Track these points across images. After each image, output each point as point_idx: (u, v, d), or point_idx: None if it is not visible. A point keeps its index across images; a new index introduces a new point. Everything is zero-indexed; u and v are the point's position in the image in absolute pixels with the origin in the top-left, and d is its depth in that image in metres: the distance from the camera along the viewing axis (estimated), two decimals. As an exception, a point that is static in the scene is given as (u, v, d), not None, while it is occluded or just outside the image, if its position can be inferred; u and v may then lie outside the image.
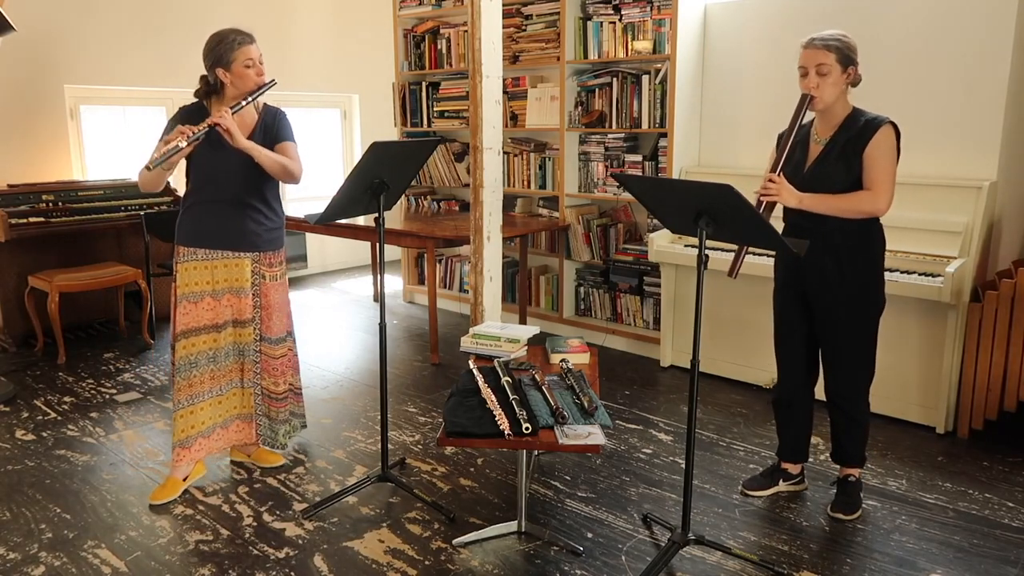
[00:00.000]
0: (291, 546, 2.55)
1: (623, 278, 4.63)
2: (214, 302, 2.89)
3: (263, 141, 2.83)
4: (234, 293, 2.92)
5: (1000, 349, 3.21)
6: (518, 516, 2.60)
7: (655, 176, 4.36)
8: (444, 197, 5.76)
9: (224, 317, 2.92)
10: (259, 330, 3.01)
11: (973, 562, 2.45)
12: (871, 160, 2.47)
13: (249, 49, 2.75)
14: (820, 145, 2.59)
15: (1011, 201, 3.59)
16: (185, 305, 2.85)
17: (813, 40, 2.50)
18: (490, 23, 3.67)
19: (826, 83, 2.47)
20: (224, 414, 3.01)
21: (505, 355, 2.90)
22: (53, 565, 2.44)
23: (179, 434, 2.87)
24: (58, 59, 5.04)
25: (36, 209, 4.53)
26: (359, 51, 6.81)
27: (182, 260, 2.85)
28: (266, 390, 3.07)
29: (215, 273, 2.88)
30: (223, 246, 2.86)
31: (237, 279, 2.91)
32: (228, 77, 2.75)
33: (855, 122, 2.52)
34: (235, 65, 2.73)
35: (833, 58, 2.46)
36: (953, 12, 3.47)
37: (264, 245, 2.93)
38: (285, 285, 3.05)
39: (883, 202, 2.47)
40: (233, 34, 2.75)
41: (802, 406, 2.83)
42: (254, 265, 2.94)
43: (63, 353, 4.42)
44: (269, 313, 2.99)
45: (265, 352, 3.03)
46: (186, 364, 2.86)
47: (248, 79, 2.77)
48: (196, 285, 2.86)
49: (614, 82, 4.48)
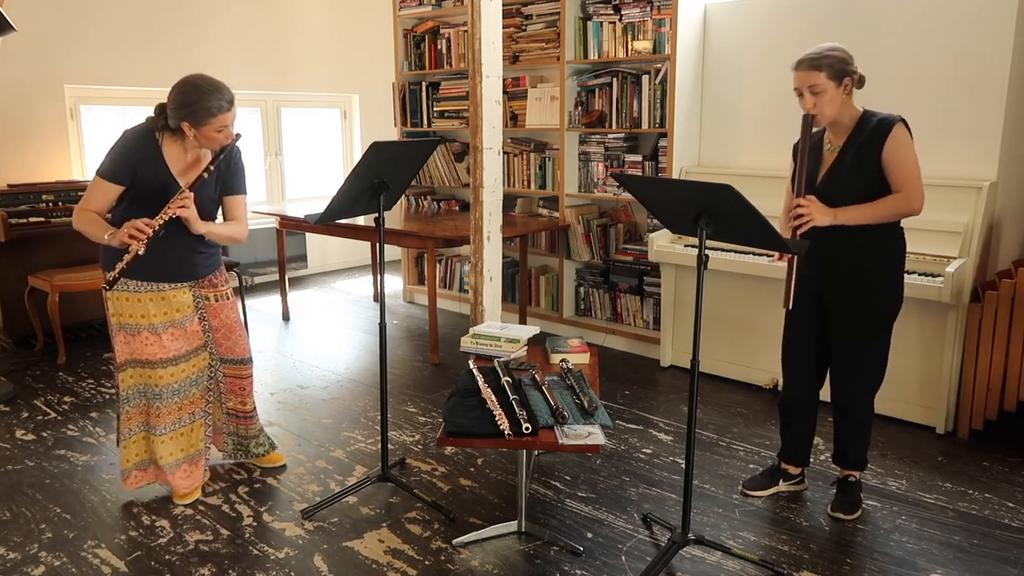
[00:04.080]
0: (291, 546, 2.55)
1: (623, 278, 4.63)
2: (154, 337, 2.67)
3: (214, 186, 2.69)
4: (176, 325, 2.71)
5: (1000, 349, 3.21)
6: (518, 516, 2.60)
7: (655, 176, 4.36)
8: (444, 197, 5.76)
9: (172, 352, 2.71)
10: (216, 353, 2.86)
11: (973, 562, 2.45)
12: (893, 162, 2.45)
13: (226, 117, 2.53)
14: (834, 152, 2.57)
15: (1011, 201, 3.59)
16: (124, 335, 2.67)
17: (802, 62, 2.48)
18: (490, 23, 3.67)
19: (823, 101, 2.46)
20: (189, 448, 2.82)
21: (505, 355, 2.90)
22: (53, 565, 2.44)
23: (124, 463, 2.74)
24: (58, 59, 5.04)
25: (36, 209, 4.53)
26: (359, 51, 6.81)
27: (109, 289, 2.58)
28: (233, 410, 2.95)
29: (148, 307, 2.66)
30: (157, 279, 2.66)
31: (178, 309, 2.71)
32: (192, 132, 2.54)
33: (867, 124, 2.50)
34: (206, 129, 2.53)
35: (824, 76, 2.43)
36: (953, 12, 3.47)
37: (202, 272, 2.76)
38: (234, 304, 2.87)
39: (917, 201, 2.45)
40: (215, 98, 2.49)
41: (807, 408, 2.82)
42: (194, 291, 2.76)
43: (63, 353, 4.42)
44: (227, 333, 2.84)
45: (231, 374, 2.89)
46: (132, 395, 2.72)
47: (215, 142, 2.58)
48: (130, 317, 2.65)
49: (614, 82, 4.48)
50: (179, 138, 2.61)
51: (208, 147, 2.62)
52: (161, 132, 2.61)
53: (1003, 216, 3.57)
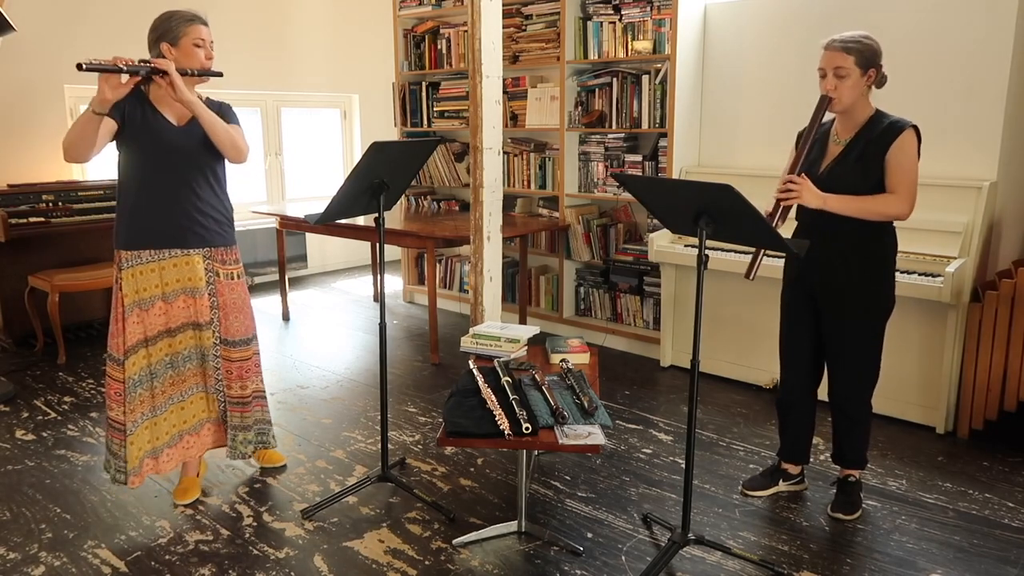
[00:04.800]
0: (291, 546, 2.55)
1: (623, 278, 4.63)
2: (166, 305, 2.70)
3: None
4: (188, 294, 2.72)
5: (1000, 349, 3.21)
6: (518, 516, 2.60)
7: (655, 176, 4.36)
8: (444, 197, 5.76)
9: (179, 320, 2.73)
10: (218, 332, 2.81)
11: (973, 562, 2.45)
12: (894, 164, 2.45)
13: (200, 28, 2.58)
14: (840, 146, 2.56)
15: (1011, 201, 3.59)
16: (137, 313, 2.65)
17: (833, 41, 2.47)
18: (490, 23, 3.67)
19: (844, 86, 2.45)
20: (191, 419, 2.83)
21: (505, 355, 2.90)
22: (53, 565, 2.44)
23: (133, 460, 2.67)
24: (58, 59, 5.04)
25: (36, 209, 4.53)
26: (359, 51, 6.81)
27: (126, 266, 2.63)
28: (231, 397, 2.87)
29: (164, 275, 2.68)
30: (170, 244, 2.66)
31: (190, 278, 2.71)
32: (173, 53, 2.55)
33: (877, 124, 2.50)
34: (183, 41, 2.55)
35: (852, 61, 2.43)
36: (953, 12, 3.47)
37: (215, 239, 2.74)
38: (243, 285, 2.86)
39: (907, 205, 2.45)
40: (185, 13, 2.57)
41: (805, 407, 2.82)
42: (206, 262, 2.74)
43: (63, 353, 4.42)
44: (227, 313, 2.81)
45: (224, 355, 2.83)
46: (142, 378, 2.69)
47: (195, 59, 2.57)
48: (145, 291, 2.66)
49: (614, 82, 4.48)
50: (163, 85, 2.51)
51: (191, 66, 2.57)
52: (146, 86, 2.61)
53: (1003, 216, 3.57)
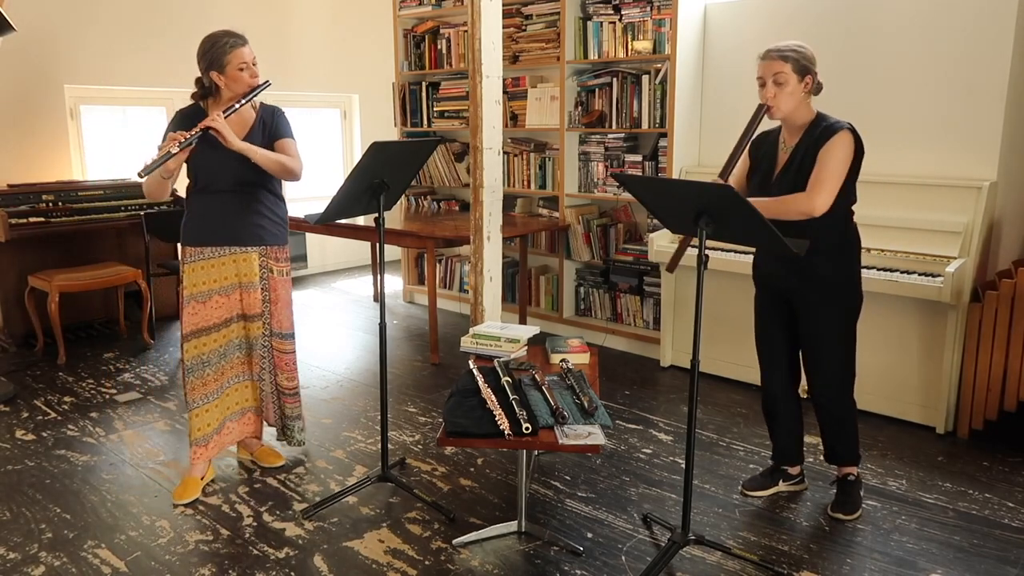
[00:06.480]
0: (291, 546, 2.55)
1: (623, 278, 4.63)
2: (223, 299, 2.90)
3: (262, 139, 2.84)
4: (244, 288, 2.93)
5: (1000, 349, 3.21)
6: (518, 516, 2.61)
7: (655, 176, 4.36)
8: (444, 197, 5.76)
9: (233, 312, 2.94)
10: (269, 325, 3.01)
11: (973, 562, 2.45)
12: (819, 161, 2.48)
13: (242, 52, 2.75)
14: (787, 152, 2.61)
15: (1011, 201, 3.59)
16: (193, 306, 2.85)
17: (770, 51, 2.54)
18: (490, 23, 3.67)
19: (783, 93, 2.51)
20: (234, 407, 3.03)
21: (505, 355, 2.90)
22: (53, 565, 2.44)
23: (196, 432, 2.88)
24: (58, 59, 5.04)
25: (36, 209, 4.53)
26: (359, 51, 6.81)
27: (188, 261, 2.85)
28: (280, 386, 3.08)
29: (222, 270, 2.89)
30: (229, 242, 2.87)
31: (246, 274, 2.91)
32: (223, 80, 2.75)
33: (816, 127, 2.54)
34: (229, 68, 2.73)
35: (789, 68, 2.49)
36: (953, 12, 3.47)
37: (270, 239, 2.93)
38: (290, 283, 3.06)
39: (817, 201, 2.44)
40: (225, 37, 2.74)
41: (789, 407, 2.84)
42: (262, 259, 2.94)
43: (63, 353, 4.42)
44: (279, 308, 3.00)
45: (277, 347, 3.03)
46: (198, 364, 2.87)
47: (242, 82, 2.76)
48: (204, 284, 2.86)
49: (614, 82, 4.48)
50: (220, 103, 2.80)
51: (239, 91, 2.77)
52: (205, 101, 2.84)
53: (1003, 216, 3.57)
